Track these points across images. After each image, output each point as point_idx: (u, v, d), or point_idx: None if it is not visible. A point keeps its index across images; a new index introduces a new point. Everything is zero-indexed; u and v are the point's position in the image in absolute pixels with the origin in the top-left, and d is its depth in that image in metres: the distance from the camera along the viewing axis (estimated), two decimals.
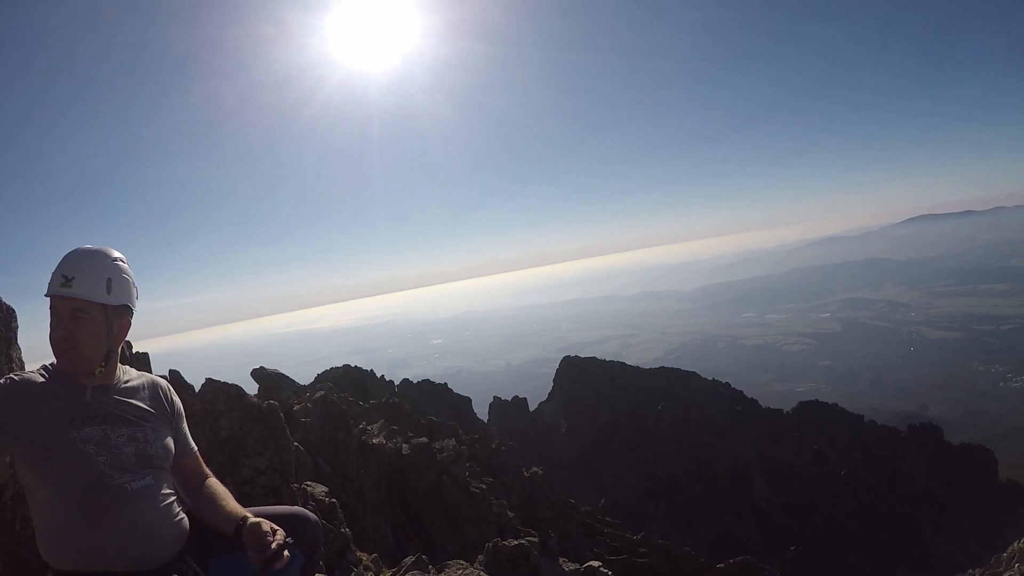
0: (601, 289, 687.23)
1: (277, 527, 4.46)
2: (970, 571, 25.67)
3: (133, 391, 4.65)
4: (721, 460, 70.80)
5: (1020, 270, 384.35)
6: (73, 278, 4.32)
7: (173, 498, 4.60)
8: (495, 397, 66.05)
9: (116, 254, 4.54)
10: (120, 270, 4.52)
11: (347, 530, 12.27)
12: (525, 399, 67.42)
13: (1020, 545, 24.28)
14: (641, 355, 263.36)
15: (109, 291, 4.43)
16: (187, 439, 4.90)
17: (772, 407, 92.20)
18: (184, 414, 4.97)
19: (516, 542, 15.56)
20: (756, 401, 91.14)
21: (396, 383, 47.61)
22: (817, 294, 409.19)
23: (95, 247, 4.51)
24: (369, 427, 25.39)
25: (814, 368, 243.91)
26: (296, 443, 14.53)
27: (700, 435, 75.06)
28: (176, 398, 4.91)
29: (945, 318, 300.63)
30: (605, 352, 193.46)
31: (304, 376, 32.95)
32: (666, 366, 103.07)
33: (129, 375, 4.73)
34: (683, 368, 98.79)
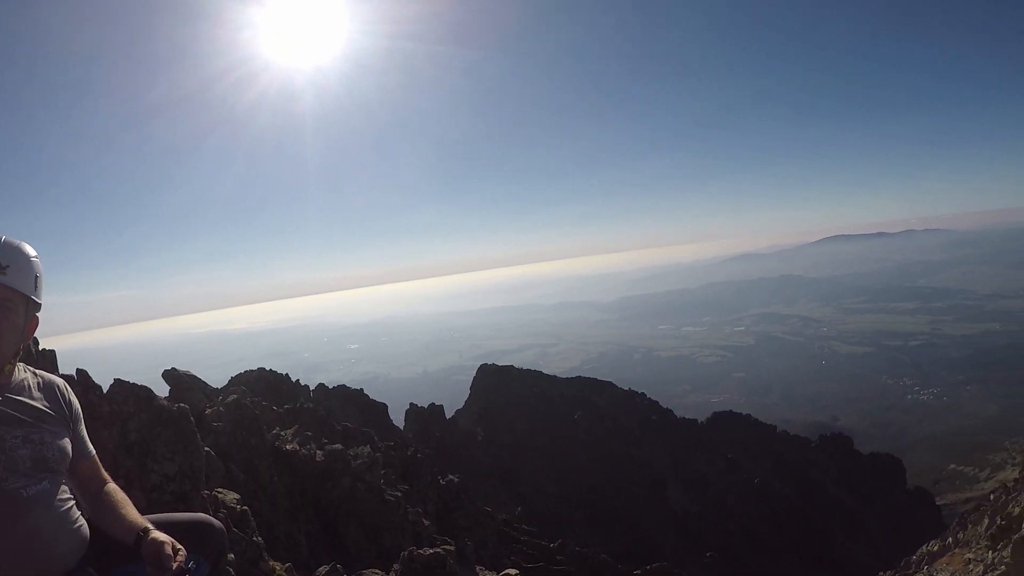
0: (520, 298, 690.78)
1: (180, 546, 4.25)
2: (881, 574, 26.23)
3: (28, 390, 4.37)
4: (637, 468, 71.30)
5: (928, 290, 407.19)
6: (8, 266, 4.13)
7: (71, 504, 4.33)
8: (411, 404, 65.37)
9: (33, 251, 4.34)
10: (40, 268, 4.35)
11: (259, 539, 11.94)
12: (442, 406, 66.92)
13: (928, 548, 24.99)
14: (559, 364, 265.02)
15: (36, 287, 4.29)
16: (85, 442, 4.62)
17: (687, 417, 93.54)
18: (82, 416, 4.70)
19: (432, 550, 15.37)
20: (671, 411, 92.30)
21: (311, 388, 46.94)
22: (732, 308, 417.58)
23: (17, 240, 4.29)
24: (283, 433, 24.94)
25: (728, 380, 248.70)
26: (207, 448, 14.14)
27: (616, 444, 75.60)
28: (74, 399, 4.63)
29: (856, 334, 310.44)
30: (523, 360, 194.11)
31: (217, 379, 32.24)
32: (583, 376, 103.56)
33: (23, 374, 4.45)
34: (600, 378, 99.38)
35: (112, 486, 4.65)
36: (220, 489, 13.23)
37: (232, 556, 10.42)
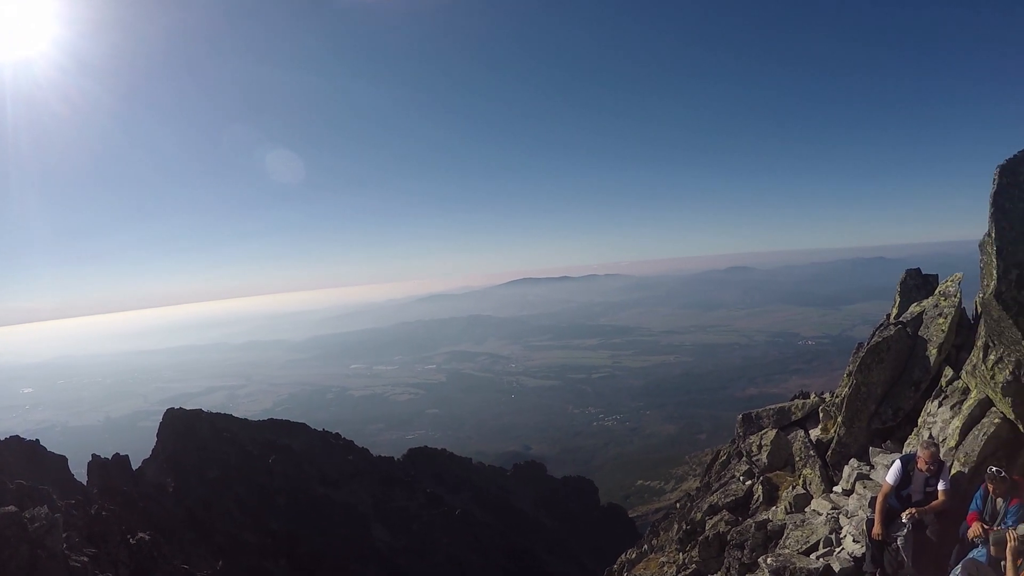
0: (208, 336, 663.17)
1: None
2: None
3: None
4: (337, 510, 70.47)
5: (607, 327, 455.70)
6: None
7: None
8: (94, 455, 60.49)
9: None
10: None
11: None
12: (127, 456, 62.26)
13: (627, 557, 26.52)
14: (249, 407, 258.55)
15: None
16: None
17: (384, 455, 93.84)
18: None
19: None
20: (367, 450, 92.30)
21: None
22: (424, 347, 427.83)
23: None
24: None
25: (422, 416, 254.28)
26: None
27: (314, 486, 74.28)
28: None
29: (543, 368, 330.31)
30: (212, 404, 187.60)
31: None
32: (275, 418, 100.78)
33: None
34: (293, 419, 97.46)
35: None
36: None
37: None
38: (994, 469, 10.35)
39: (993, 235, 11.07)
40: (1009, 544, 8.71)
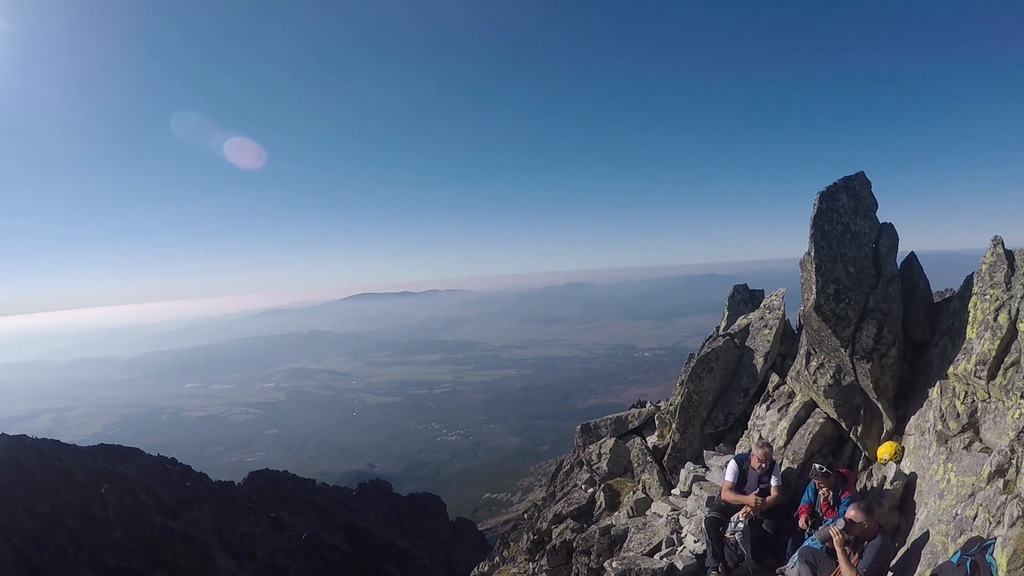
0: (31, 353, 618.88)
1: None
2: None
3: None
4: (177, 540, 68.13)
5: (449, 343, 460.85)
6: None
7: None
8: None
9: None
10: None
11: None
12: None
13: (479, 571, 26.91)
14: (78, 431, 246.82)
15: None
16: None
17: (223, 479, 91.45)
18: None
19: None
20: (206, 475, 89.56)
21: None
22: (261, 364, 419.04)
23: None
24: None
25: (262, 437, 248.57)
26: None
27: (151, 517, 71.57)
28: None
29: (384, 385, 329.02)
30: (38, 428, 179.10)
31: None
32: (107, 443, 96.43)
33: None
34: (125, 444, 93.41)
35: None
36: None
37: None
38: (817, 466, 11.28)
39: (813, 254, 12.24)
40: (835, 538, 9.53)
